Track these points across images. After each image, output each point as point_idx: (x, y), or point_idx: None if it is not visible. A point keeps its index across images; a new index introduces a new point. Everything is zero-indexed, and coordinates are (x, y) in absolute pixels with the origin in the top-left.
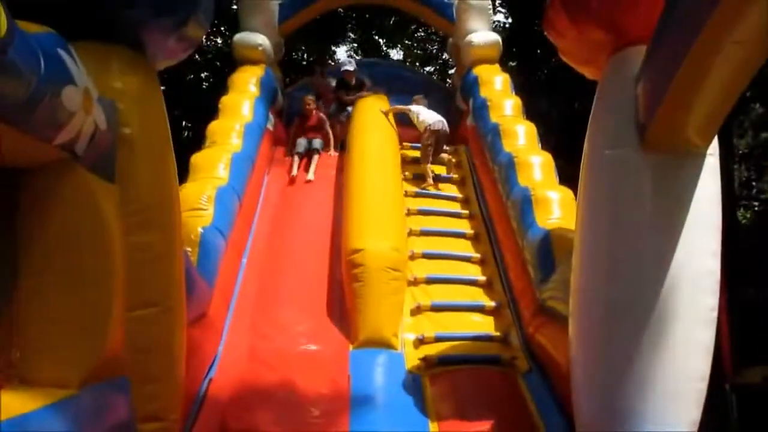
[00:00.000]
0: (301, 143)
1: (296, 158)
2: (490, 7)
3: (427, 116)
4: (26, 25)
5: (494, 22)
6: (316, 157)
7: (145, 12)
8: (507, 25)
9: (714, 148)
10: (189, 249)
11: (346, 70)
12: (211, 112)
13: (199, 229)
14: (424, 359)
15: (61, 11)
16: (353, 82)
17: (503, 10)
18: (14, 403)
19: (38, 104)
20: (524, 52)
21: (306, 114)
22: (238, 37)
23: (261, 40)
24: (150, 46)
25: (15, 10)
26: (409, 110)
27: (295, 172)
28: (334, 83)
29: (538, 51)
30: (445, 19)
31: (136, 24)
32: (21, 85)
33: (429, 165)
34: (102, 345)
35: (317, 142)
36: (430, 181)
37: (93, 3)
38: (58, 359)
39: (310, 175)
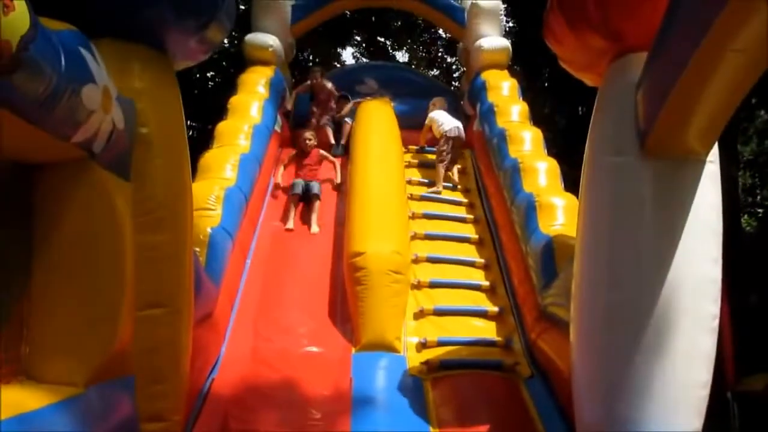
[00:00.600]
0: (298, 183)
1: (292, 205)
2: (502, 11)
3: (445, 122)
4: (49, 22)
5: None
6: (317, 204)
7: (168, 13)
8: (509, 29)
9: (714, 155)
10: (198, 249)
11: (343, 95)
12: (216, 112)
13: (208, 230)
14: (427, 363)
15: (84, 9)
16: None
17: (504, 13)
18: (22, 400)
19: (58, 102)
20: (527, 56)
21: (305, 150)
22: (249, 37)
23: (272, 40)
24: (171, 47)
25: (38, 7)
26: (432, 120)
27: (291, 224)
28: (329, 84)
29: (542, 55)
30: (456, 23)
31: (158, 24)
32: (42, 82)
33: (442, 171)
34: (110, 343)
35: (316, 186)
36: (440, 186)
37: (116, 1)
38: (66, 356)
39: (314, 228)
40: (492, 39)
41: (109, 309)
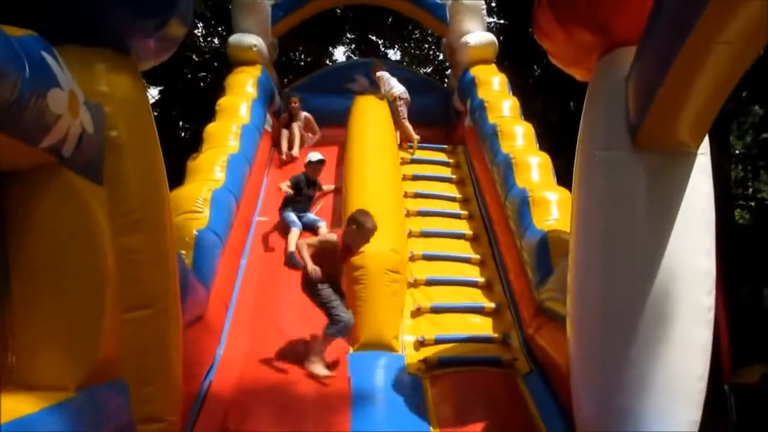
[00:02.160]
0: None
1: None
2: (484, 7)
3: (395, 86)
4: (9, 29)
5: (489, 22)
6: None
7: (126, 15)
8: (499, 26)
9: (705, 147)
10: (183, 252)
11: (319, 161)
12: (209, 113)
13: (194, 232)
14: (425, 361)
15: (44, 16)
16: (318, 176)
17: (495, 10)
18: (13, 406)
19: (24, 107)
20: (518, 53)
21: None
22: (232, 38)
23: (255, 40)
24: (133, 48)
25: None
26: (382, 80)
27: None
28: (304, 114)
29: (533, 51)
30: (438, 19)
31: (118, 27)
32: (6, 88)
33: (408, 126)
34: (96, 347)
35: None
36: (415, 142)
37: (75, 6)
38: (53, 362)
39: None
40: (477, 35)
41: (92, 312)
